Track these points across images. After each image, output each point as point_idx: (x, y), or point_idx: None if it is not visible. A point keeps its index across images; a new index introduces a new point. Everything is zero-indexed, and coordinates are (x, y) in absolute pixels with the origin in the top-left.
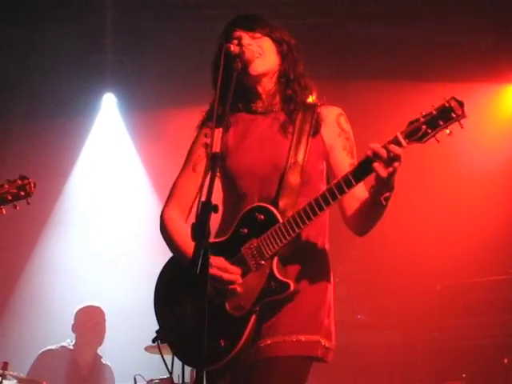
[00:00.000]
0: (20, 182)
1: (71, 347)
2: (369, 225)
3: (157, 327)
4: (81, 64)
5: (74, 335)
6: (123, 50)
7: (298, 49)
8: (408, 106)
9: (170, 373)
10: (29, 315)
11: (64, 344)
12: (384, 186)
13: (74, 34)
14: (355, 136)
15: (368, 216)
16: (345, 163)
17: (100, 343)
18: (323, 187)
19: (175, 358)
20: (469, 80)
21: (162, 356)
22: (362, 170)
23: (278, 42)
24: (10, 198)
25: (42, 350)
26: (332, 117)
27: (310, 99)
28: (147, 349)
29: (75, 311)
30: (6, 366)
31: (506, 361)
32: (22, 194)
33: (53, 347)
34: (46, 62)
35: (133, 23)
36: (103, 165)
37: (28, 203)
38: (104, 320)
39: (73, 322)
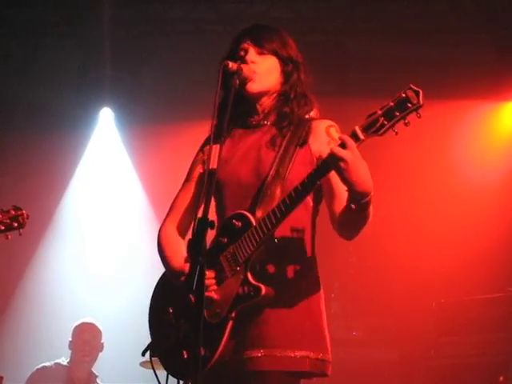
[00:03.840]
0: (13, 212)
1: (66, 364)
2: (352, 231)
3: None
4: (79, 78)
5: (69, 351)
6: (121, 64)
7: (305, 66)
8: None
9: None
10: (24, 329)
11: (58, 361)
12: (350, 189)
13: (72, 49)
14: None
15: (348, 222)
16: None
17: (91, 361)
18: (309, 198)
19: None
20: (468, 97)
21: (154, 369)
22: (319, 168)
23: (283, 61)
24: (2, 228)
25: (37, 367)
26: (321, 127)
27: (307, 115)
28: (143, 364)
29: (72, 328)
30: (0, 380)
31: (501, 379)
32: (15, 224)
33: (47, 364)
34: (44, 76)
35: (131, 38)
36: (100, 179)
37: (20, 234)
38: (97, 337)
39: (70, 339)
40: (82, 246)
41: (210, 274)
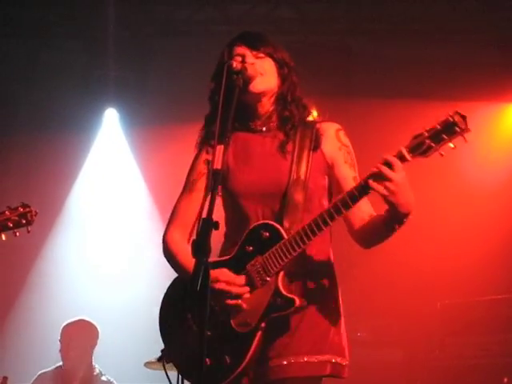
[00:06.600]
0: (22, 209)
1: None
2: (376, 242)
3: (156, 342)
4: (83, 79)
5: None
6: (126, 65)
7: (297, 72)
8: (410, 124)
9: None
10: (28, 329)
11: (59, 364)
12: (393, 210)
13: (76, 50)
14: (356, 153)
15: (377, 235)
16: (348, 176)
17: (85, 358)
18: (326, 203)
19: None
20: (471, 99)
21: (167, 374)
22: (366, 185)
23: (279, 64)
24: (11, 225)
25: (37, 375)
26: (331, 131)
27: (311, 117)
28: (147, 364)
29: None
30: (5, 380)
31: (505, 380)
32: (23, 221)
33: (47, 370)
34: (48, 77)
35: (135, 39)
36: (105, 180)
37: (28, 231)
38: (82, 334)
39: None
40: (88, 247)
41: (241, 281)
